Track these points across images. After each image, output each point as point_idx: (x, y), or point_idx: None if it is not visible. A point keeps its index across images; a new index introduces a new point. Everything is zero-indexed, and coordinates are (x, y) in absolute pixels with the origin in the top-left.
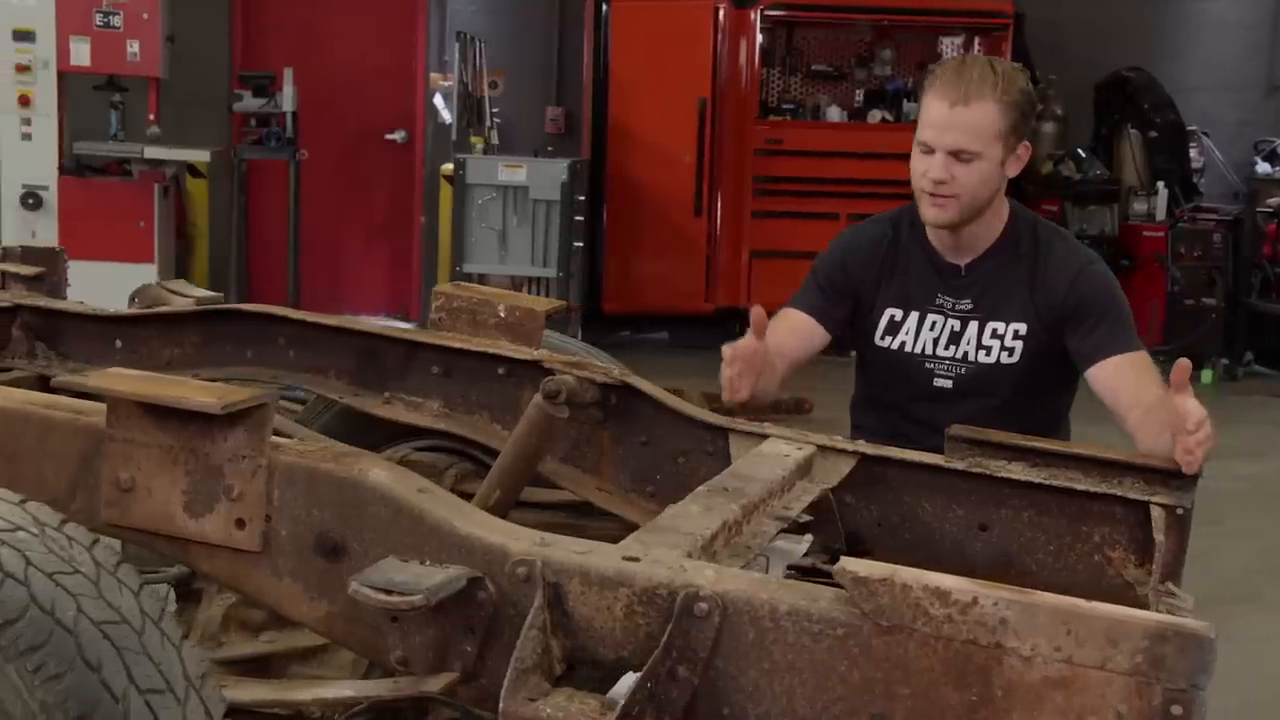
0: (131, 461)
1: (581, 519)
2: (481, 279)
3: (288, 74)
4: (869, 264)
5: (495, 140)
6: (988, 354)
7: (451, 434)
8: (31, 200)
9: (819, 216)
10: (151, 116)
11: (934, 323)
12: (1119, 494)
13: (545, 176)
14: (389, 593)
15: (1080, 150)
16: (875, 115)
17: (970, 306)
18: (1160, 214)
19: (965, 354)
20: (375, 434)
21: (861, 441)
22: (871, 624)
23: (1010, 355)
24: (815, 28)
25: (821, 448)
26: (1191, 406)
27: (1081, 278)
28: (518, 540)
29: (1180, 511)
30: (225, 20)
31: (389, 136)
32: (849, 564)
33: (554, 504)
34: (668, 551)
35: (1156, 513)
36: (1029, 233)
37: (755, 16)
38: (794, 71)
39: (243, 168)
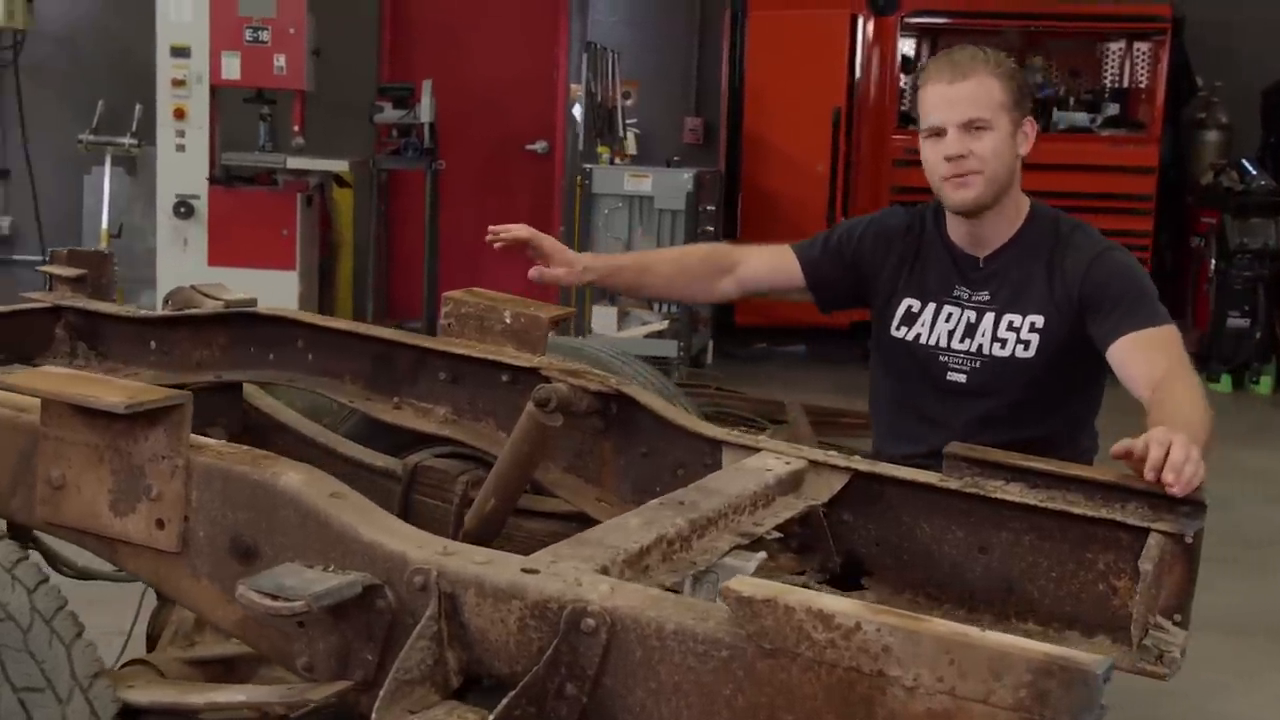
0: (62, 459)
1: (586, 528)
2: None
3: (426, 86)
4: (890, 249)
5: (633, 150)
6: (1002, 347)
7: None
8: (183, 209)
9: None
10: (296, 128)
11: (950, 314)
12: (1118, 519)
13: (670, 187)
14: (274, 598)
15: (1245, 160)
16: None
17: (987, 298)
18: None
19: (980, 346)
20: (395, 439)
21: (857, 457)
22: (755, 647)
23: (1026, 349)
24: (961, 35)
25: (814, 463)
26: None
27: (1096, 264)
28: (420, 549)
29: (1187, 540)
30: (373, 33)
31: (529, 147)
32: (736, 583)
33: (561, 514)
34: (575, 564)
35: (1153, 540)
36: (1049, 226)
37: (897, 24)
38: None
39: (382, 178)
